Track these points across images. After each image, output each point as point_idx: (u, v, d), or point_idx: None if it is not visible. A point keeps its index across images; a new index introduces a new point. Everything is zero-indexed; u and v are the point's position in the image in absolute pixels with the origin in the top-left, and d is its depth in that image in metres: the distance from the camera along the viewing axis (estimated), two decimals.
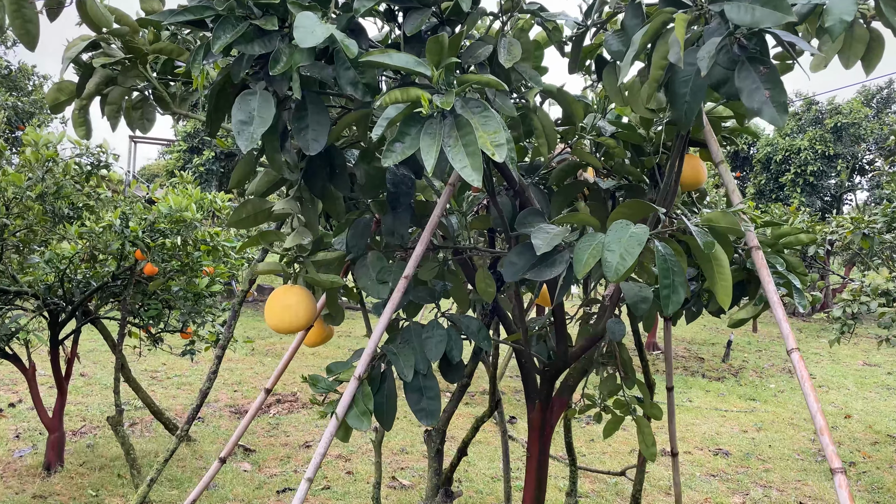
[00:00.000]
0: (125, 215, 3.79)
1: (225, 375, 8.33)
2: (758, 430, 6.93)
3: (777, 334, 14.56)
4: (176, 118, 2.47)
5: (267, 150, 1.77)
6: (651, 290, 2.16)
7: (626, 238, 1.61)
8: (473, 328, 2.14)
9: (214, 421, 6.45)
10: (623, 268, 1.56)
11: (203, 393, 2.81)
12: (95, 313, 4.69)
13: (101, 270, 4.24)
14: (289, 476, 4.98)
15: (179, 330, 4.68)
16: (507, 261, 1.89)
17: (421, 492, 4.78)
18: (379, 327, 1.94)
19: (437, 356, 2.03)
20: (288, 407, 7.07)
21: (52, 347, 4.58)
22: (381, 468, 3.34)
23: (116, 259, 4.13)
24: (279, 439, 5.92)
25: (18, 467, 4.80)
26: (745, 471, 5.61)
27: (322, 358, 9.59)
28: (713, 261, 1.71)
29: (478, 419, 3.28)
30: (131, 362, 8.50)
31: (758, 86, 1.31)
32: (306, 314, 2.00)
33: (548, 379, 2.40)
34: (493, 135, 1.42)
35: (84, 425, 6.02)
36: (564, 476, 5.14)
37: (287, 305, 1.98)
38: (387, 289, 2.04)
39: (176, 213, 3.83)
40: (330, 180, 2.01)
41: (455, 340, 2.10)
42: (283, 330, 1.99)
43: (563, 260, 1.83)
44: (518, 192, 2.10)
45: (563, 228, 1.86)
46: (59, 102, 2.34)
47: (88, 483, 4.56)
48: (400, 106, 1.45)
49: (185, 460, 5.18)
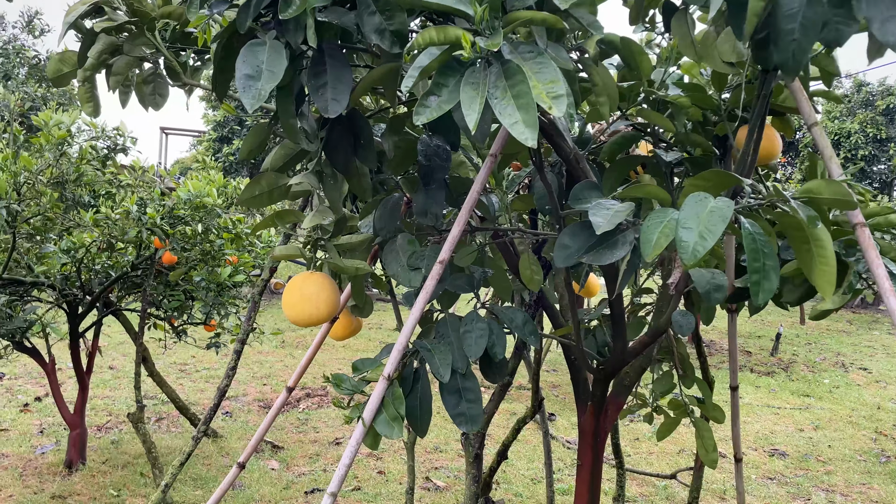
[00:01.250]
0: (142, 201, 3.61)
1: (254, 368, 8.21)
2: (815, 428, 6.57)
3: (826, 327, 14.04)
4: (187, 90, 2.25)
5: (280, 114, 1.54)
6: (725, 277, 1.89)
7: (706, 213, 1.34)
8: (518, 321, 1.90)
9: (242, 416, 6.31)
10: (703, 249, 1.30)
11: (221, 391, 2.62)
12: (117, 304, 4.54)
13: (121, 260, 4.09)
14: (318, 476, 4.79)
15: (203, 322, 4.51)
16: (558, 243, 1.64)
17: (457, 494, 4.56)
18: (410, 320, 1.71)
19: (477, 353, 1.79)
20: (318, 401, 6.91)
21: (71, 340, 4.44)
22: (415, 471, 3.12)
23: (136, 247, 3.96)
24: (308, 436, 5.75)
25: (39, 465, 4.69)
26: (805, 473, 5.28)
27: (353, 351, 9.44)
28: (813, 241, 1.44)
29: (519, 420, 3.04)
30: (159, 355, 8.43)
31: (893, 13, 1.04)
32: (328, 305, 1.77)
33: (602, 379, 2.15)
34: (549, 84, 1.17)
35: (109, 420, 5.91)
36: (610, 478, 4.87)
37: (306, 295, 1.75)
38: (419, 276, 1.81)
39: (196, 199, 3.64)
40: (354, 153, 1.78)
41: (498, 335, 1.86)
42: (302, 322, 1.76)
43: (627, 241, 1.57)
44: (570, 164, 1.84)
45: (626, 204, 1.60)
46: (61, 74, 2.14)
47: (110, 482, 4.42)
48: (434, 52, 1.21)
49: (211, 458, 5.03)
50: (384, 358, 1.90)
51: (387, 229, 1.95)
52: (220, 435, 5.58)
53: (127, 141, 3.84)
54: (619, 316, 1.99)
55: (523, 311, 1.94)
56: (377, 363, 1.88)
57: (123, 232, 3.54)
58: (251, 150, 1.69)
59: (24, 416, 5.99)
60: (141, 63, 2.08)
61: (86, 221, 3.50)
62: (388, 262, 1.88)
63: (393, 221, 1.95)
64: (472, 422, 1.77)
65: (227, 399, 6.83)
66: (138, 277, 4.25)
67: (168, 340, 4.99)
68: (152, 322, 4.88)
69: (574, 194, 1.69)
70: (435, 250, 1.83)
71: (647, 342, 2.11)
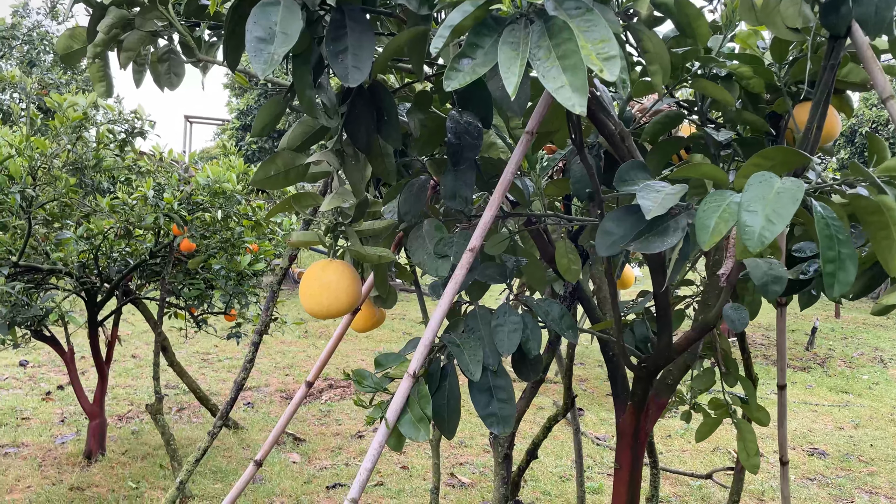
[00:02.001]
0: (160, 186, 3.52)
1: (277, 359, 8.16)
2: (855, 426, 6.34)
3: (863, 321, 13.68)
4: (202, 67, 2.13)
5: (297, 85, 1.42)
6: (784, 268, 1.74)
7: (773, 195, 1.19)
8: (555, 314, 1.76)
9: (264, 407, 6.25)
10: (770, 234, 1.14)
11: (238, 385, 2.51)
12: (136, 293, 4.48)
13: (139, 247, 4.00)
14: (340, 470, 4.70)
15: (223, 312, 4.42)
16: (601, 230, 1.49)
17: (482, 491, 4.44)
18: (438, 312, 1.57)
19: (510, 348, 1.66)
20: (341, 393, 6.83)
21: (90, 329, 4.38)
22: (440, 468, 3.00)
23: (154, 234, 3.87)
24: (330, 428, 5.66)
25: (59, 455, 4.66)
26: (847, 474, 5.07)
27: (376, 341, 9.35)
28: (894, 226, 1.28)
29: (550, 418, 2.90)
30: (181, 345, 8.41)
31: None
32: (349, 296, 1.65)
33: (645, 377, 2.00)
34: (599, 44, 1.02)
35: (130, 410, 5.88)
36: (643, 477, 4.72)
37: (325, 284, 1.63)
38: (447, 265, 1.68)
39: (215, 185, 3.54)
40: (377, 130, 1.65)
41: (532, 329, 1.72)
42: (321, 314, 1.64)
43: (679, 227, 1.42)
44: (613, 143, 1.69)
45: (678, 186, 1.45)
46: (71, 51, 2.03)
47: (129, 473, 4.37)
48: (468, 7, 1.07)
49: (231, 450, 4.96)
50: (408, 353, 1.77)
51: (412, 214, 1.81)
52: (241, 426, 5.51)
53: (145, 124, 3.75)
54: (665, 309, 1.84)
55: (560, 303, 1.79)
56: (401, 359, 1.75)
57: (140, 218, 3.45)
58: (265, 125, 1.56)
59: (46, 404, 5.97)
60: (154, 39, 1.97)
61: (102, 207, 3.41)
62: (413, 249, 1.75)
63: (419, 206, 1.81)
64: (504, 423, 1.64)
65: (248, 390, 6.78)
66: (157, 265, 4.17)
67: (189, 330, 4.92)
68: (172, 311, 4.81)
69: (620, 175, 1.54)
70: (464, 237, 1.69)
71: (694, 338, 1.96)
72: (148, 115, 3.77)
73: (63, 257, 3.51)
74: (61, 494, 4.00)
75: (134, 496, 4.04)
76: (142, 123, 3.73)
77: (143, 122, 3.72)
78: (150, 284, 4.63)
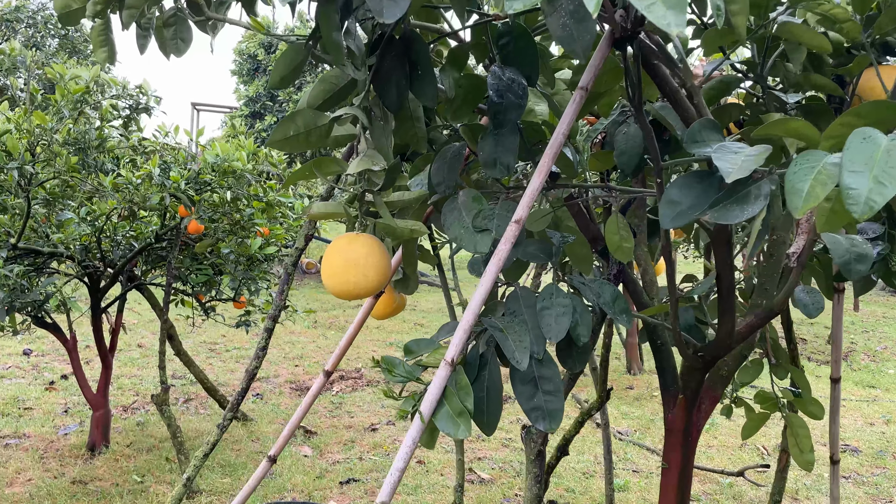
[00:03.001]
0: (165, 164, 3.35)
1: (286, 349, 8.01)
2: (886, 422, 6.14)
3: (883, 314, 13.43)
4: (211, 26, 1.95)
5: (322, 27, 1.24)
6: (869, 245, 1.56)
7: (882, 153, 1.01)
8: (606, 297, 1.59)
9: (274, 398, 6.10)
10: (881, 197, 0.96)
11: (250, 374, 2.35)
12: (141, 278, 4.32)
13: (144, 230, 3.84)
14: (353, 464, 4.55)
15: (232, 299, 4.26)
16: (665, 199, 1.31)
17: (503, 487, 4.27)
18: (480, 291, 1.40)
19: (558, 334, 1.49)
20: (352, 384, 6.68)
21: (93, 316, 4.24)
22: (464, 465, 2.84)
23: (160, 216, 3.71)
24: (343, 420, 5.51)
25: (61, 447, 4.52)
26: (882, 472, 4.89)
27: (388, 332, 9.19)
28: None
29: (583, 412, 2.73)
30: (189, 334, 8.28)
31: None
32: (378, 273, 1.48)
33: (701, 367, 1.82)
34: None
35: (136, 400, 5.74)
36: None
37: (352, 261, 1.45)
38: (488, 239, 1.50)
39: (224, 163, 3.37)
40: (409, 86, 1.47)
41: (582, 313, 1.55)
42: (347, 294, 1.47)
43: (762, 193, 1.24)
44: (676, 101, 1.51)
45: (761, 147, 1.27)
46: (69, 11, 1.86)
47: (134, 467, 4.23)
48: None
49: (241, 443, 4.82)
50: (442, 338, 1.60)
51: (446, 184, 1.64)
52: (250, 418, 5.37)
53: (151, 100, 3.58)
54: (729, 291, 1.65)
55: (612, 284, 1.62)
56: (435, 345, 1.58)
57: (145, 198, 3.29)
58: (283, 76, 1.39)
59: (50, 394, 5.85)
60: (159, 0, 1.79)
61: (105, 187, 3.25)
62: (448, 222, 1.57)
63: (453, 175, 1.64)
64: (552, 418, 1.47)
65: (257, 381, 6.63)
66: (163, 249, 4.01)
67: (196, 318, 4.77)
68: (179, 298, 4.66)
69: (691, 135, 1.35)
70: (507, 207, 1.52)
71: (757, 325, 1.78)
72: (154, 90, 3.60)
73: (64, 239, 3.35)
74: (63, 488, 3.86)
75: (139, 490, 3.90)
76: (147, 99, 3.56)
77: (148, 98, 3.55)
78: (157, 270, 4.48)
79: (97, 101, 3.30)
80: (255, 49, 20.38)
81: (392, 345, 8.39)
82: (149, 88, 3.54)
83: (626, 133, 2.07)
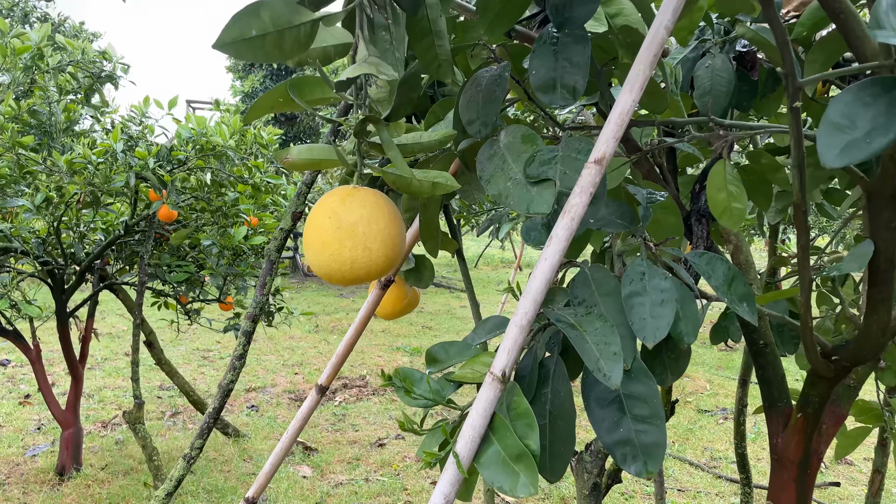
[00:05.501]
0: (131, 139, 2.90)
1: (284, 355, 7.56)
2: None
3: None
4: None
5: None
6: None
7: None
8: (719, 277, 1.13)
9: (270, 410, 5.65)
10: None
11: (223, 390, 1.89)
12: (113, 277, 3.87)
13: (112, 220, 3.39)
14: (358, 487, 4.08)
15: (217, 300, 3.81)
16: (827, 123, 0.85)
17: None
18: (544, 269, 0.95)
19: (656, 333, 1.04)
20: (356, 393, 6.22)
21: (59, 322, 3.78)
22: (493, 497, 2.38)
23: (130, 203, 3.26)
24: (346, 435, 5.05)
25: (26, 470, 4.07)
26: None
27: (394, 336, 8.71)
28: None
29: None
30: (180, 340, 7.84)
31: None
32: (385, 246, 1.02)
33: (833, 376, 1.35)
34: None
35: (117, 416, 5.29)
36: (719, 492, 4.08)
37: (348, 225, 1.00)
38: (549, 193, 1.05)
39: (200, 138, 2.92)
40: None
41: (686, 303, 1.09)
42: (340, 276, 1.02)
43: None
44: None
45: None
46: None
47: (107, 494, 3.77)
48: None
49: (230, 463, 4.36)
50: (482, 339, 1.15)
51: (482, 122, 1.18)
52: (243, 434, 4.91)
53: (117, 68, 3.12)
54: (889, 268, 1.18)
55: (726, 259, 1.15)
56: (470, 349, 1.13)
57: (107, 179, 2.84)
58: None
59: (23, 409, 5.41)
60: None
61: (60, 167, 2.79)
62: (487, 173, 1.12)
63: (492, 109, 1.18)
64: (648, 457, 1.02)
65: (252, 391, 6.19)
66: (137, 243, 3.56)
67: (182, 323, 4.32)
68: (162, 301, 4.21)
69: (875, 16, 0.88)
70: (576, 145, 1.06)
71: None
72: (121, 56, 3.14)
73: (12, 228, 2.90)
74: None
75: None
76: (112, 66, 3.10)
77: (113, 65, 3.09)
78: (132, 267, 4.02)
79: (51, 67, 2.85)
80: None
81: (399, 349, 7.91)
82: (113, 55, 3.09)
83: (710, 67, 1.62)
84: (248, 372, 6.85)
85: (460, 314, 10.39)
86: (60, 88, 3.10)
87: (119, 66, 3.15)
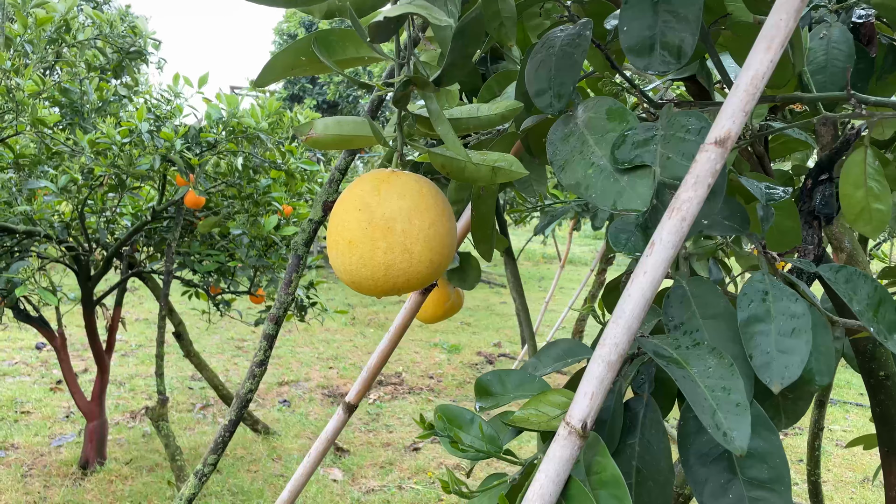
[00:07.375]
0: (158, 118, 2.72)
1: (319, 348, 7.41)
2: None
3: None
4: None
5: None
6: None
7: None
8: (862, 299, 0.88)
9: (303, 406, 5.49)
10: None
11: (241, 400, 1.68)
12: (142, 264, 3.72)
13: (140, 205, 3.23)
14: (391, 494, 3.88)
15: (248, 291, 3.63)
16: None
17: None
18: (643, 283, 0.71)
19: (787, 374, 0.80)
20: (391, 391, 6.02)
21: (85, 309, 3.65)
22: None
23: (158, 188, 3.09)
24: (380, 436, 4.86)
25: (50, 462, 3.96)
26: None
27: (430, 331, 8.48)
28: None
29: None
30: (215, 329, 7.75)
31: None
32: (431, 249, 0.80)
33: None
34: None
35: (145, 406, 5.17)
36: None
37: (384, 221, 0.78)
38: (646, 181, 0.81)
39: (232, 120, 2.73)
40: None
41: (821, 332, 0.84)
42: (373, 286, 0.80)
43: None
44: None
45: None
46: None
47: (129, 491, 3.63)
48: None
49: (259, 462, 4.20)
50: (548, 370, 0.92)
51: (555, 93, 0.94)
52: (273, 431, 4.75)
53: (148, 44, 2.95)
54: None
55: (871, 277, 0.90)
56: (533, 381, 0.89)
57: (132, 162, 2.67)
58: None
59: (53, 395, 5.33)
60: None
61: (82, 147, 2.63)
62: (561, 157, 0.88)
63: (569, 76, 0.94)
64: None
65: (285, 384, 6.04)
66: (166, 229, 3.40)
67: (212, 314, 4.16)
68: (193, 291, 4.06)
69: None
70: (684, 122, 0.82)
71: None
72: (153, 31, 2.97)
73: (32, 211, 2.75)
74: None
75: None
76: (143, 42, 2.93)
77: (143, 41, 2.92)
78: (162, 255, 3.87)
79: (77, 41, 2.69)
80: (295, 29, 19.95)
81: (437, 346, 7.70)
82: (144, 29, 2.92)
83: (825, 38, 1.36)
84: (282, 364, 6.71)
85: (500, 310, 10.12)
86: (88, 65, 2.94)
87: (150, 42, 2.98)
